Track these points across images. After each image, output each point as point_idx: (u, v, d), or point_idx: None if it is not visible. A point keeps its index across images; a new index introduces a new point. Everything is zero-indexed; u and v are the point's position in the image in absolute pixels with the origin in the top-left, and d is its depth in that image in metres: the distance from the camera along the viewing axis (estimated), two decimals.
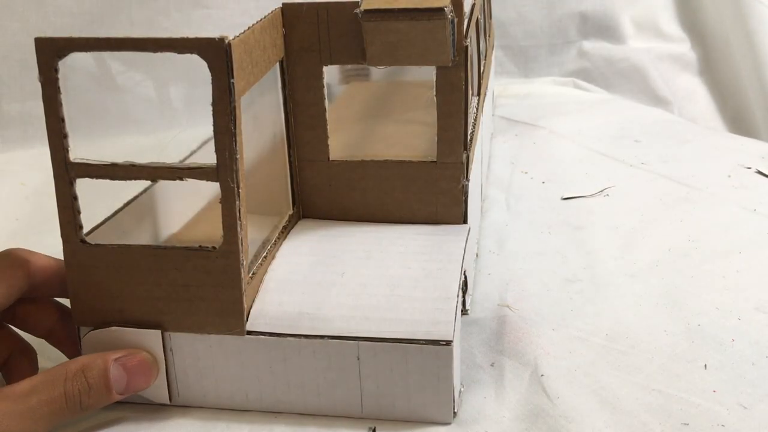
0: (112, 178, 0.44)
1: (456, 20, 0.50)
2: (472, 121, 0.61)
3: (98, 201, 0.51)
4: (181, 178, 0.44)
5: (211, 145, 0.43)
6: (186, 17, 1.06)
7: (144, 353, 0.46)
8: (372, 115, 0.76)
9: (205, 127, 0.44)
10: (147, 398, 0.49)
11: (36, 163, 0.96)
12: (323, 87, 0.54)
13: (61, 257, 0.47)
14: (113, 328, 0.47)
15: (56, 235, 0.46)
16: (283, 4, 0.52)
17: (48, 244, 0.71)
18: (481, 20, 0.75)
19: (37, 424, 0.42)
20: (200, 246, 0.45)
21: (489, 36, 0.93)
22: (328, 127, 0.55)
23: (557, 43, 1.26)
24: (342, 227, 0.56)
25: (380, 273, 0.50)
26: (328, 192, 0.57)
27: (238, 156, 0.43)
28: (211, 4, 1.08)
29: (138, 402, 0.49)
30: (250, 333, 0.46)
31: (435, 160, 0.54)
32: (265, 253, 0.51)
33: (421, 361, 0.45)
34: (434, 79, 0.52)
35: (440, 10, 0.49)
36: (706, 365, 0.51)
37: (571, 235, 0.72)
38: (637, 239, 0.70)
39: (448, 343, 0.45)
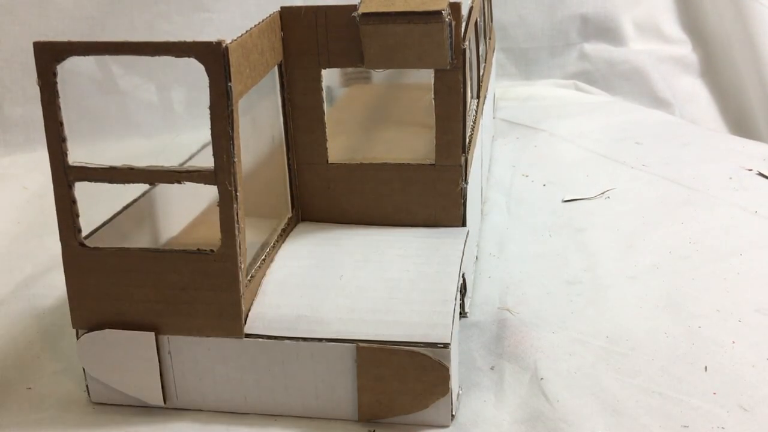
0: (111, 182, 0.44)
1: (454, 23, 0.50)
2: (471, 123, 0.61)
3: (98, 204, 0.51)
4: (179, 182, 0.44)
5: (211, 149, 0.43)
6: (187, 21, 1.06)
7: None
8: (372, 118, 0.76)
9: (205, 131, 0.44)
10: (142, 400, 0.49)
11: (38, 166, 0.96)
12: (322, 90, 0.54)
13: (61, 260, 0.47)
14: (107, 330, 0.47)
15: (57, 238, 0.46)
16: (281, 7, 0.52)
17: (48, 247, 0.72)
18: (481, 23, 0.75)
19: None
20: (198, 249, 0.45)
21: (489, 39, 0.93)
22: (327, 129, 0.55)
23: (558, 46, 1.26)
24: (340, 230, 0.56)
25: (378, 276, 0.50)
26: (327, 195, 0.57)
27: (236, 159, 0.43)
28: (212, 8, 1.09)
29: (135, 405, 0.49)
30: (248, 336, 0.46)
31: (434, 162, 0.54)
32: (263, 256, 0.51)
33: (419, 364, 0.45)
34: (432, 82, 0.52)
35: (438, 13, 0.49)
36: (706, 367, 0.51)
37: (571, 237, 0.72)
38: (638, 241, 0.70)
39: (446, 345, 0.45)
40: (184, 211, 0.61)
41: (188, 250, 0.45)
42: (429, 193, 0.55)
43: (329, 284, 0.49)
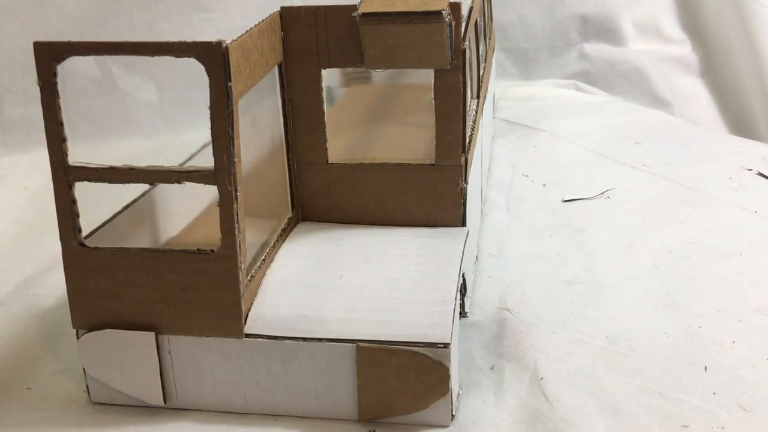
0: (111, 182, 0.44)
1: (453, 23, 0.50)
2: (471, 123, 0.61)
3: (98, 204, 0.51)
4: (179, 182, 0.44)
5: (211, 149, 0.43)
6: (187, 21, 1.06)
7: None
8: (372, 118, 0.76)
9: (205, 131, 0.44)
10: (142, 400, 0.49)
11: (38, 166, 0.96)
12: (321, 90, 0.54)
13: (61, 260, 0.47)
14: (107, 330, 0.47)
15: (57, 238, 0.46)
16: (281, 7, 0.52)
17: (48, 247, 0.72)
18: (480, 23, 0.75)
19: None
20: (198, 249, 0.45)
21: (489, 39, 0.93)
22: (327, 130, 0.55)
23: (558, 46, 1.26)
24: (340, 229, 0.56)
25: (379, 275, 0.50)
26: (327, 194, 0.57)
27: (236, 159, 0.43)
28: (213, 8, 1.09)
29: (135, 405, 0.49)
30: (248, 336, 0.47)
31: (434, 162, 0.54)
32: (263, 256, 0.51)
33: (419, 364, 0.45)
34: (432, 82, 0.52)
35: (438, 13, 0.49)
36: (706, 367, 0.51)
37: (571, 237, 0.72)
38: (638, 241, 0.70)
39: (446, 345, 0.45)
40: (184, 211, 0.61)
41: (188, 250, 0.45)
42: (429, 194, 0.55)
43: (329, 284, 0.49)
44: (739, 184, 0.81)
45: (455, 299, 0.47)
